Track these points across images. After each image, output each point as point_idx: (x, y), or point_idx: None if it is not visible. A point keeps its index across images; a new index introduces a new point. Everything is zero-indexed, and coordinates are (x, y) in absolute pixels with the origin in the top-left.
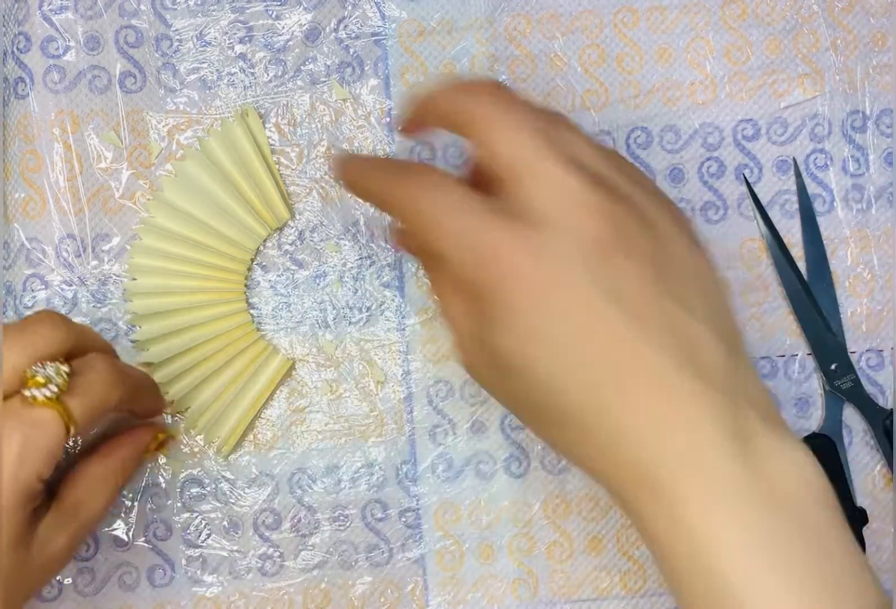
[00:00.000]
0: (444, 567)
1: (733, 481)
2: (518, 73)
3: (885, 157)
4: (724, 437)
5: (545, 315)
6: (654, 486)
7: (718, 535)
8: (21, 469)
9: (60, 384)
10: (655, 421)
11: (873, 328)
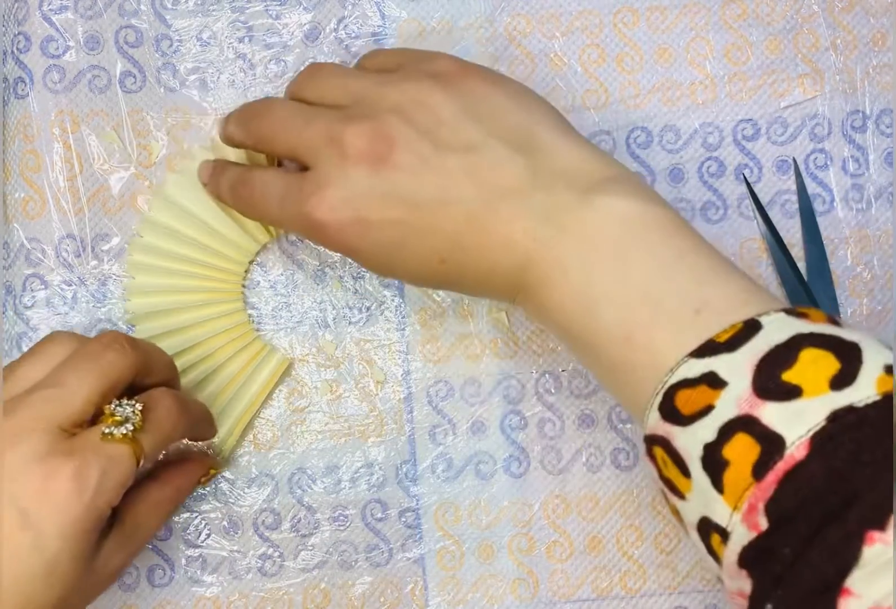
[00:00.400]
0: (444, 567)
1: (552, 254)
2: (518, 73)
3: (884, 157)
4: (536, 234)
5: (367, 239)
6: (507, 291)
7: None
8: (97, 499)
9: (136, 423)
10: (489, 253)
11: (873, 328)
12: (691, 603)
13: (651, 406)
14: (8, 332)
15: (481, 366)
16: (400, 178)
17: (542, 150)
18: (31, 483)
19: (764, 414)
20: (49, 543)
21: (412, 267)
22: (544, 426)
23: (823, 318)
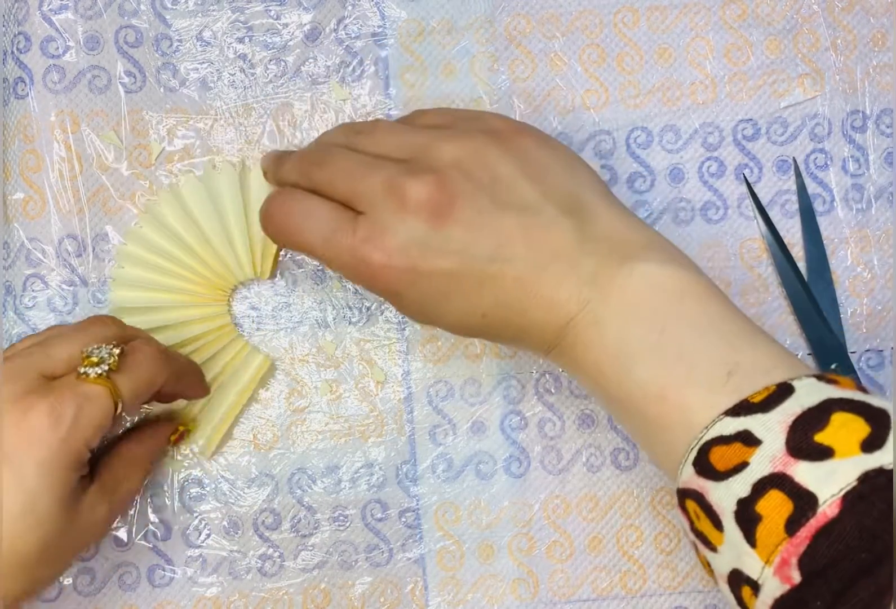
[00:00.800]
0: (444, 567)
1: (591, 316)
2: (518, 73)
3: (885, 156)
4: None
5: (415, 288)
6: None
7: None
8: (72, 434)
9: (111, 364)
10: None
11: (873, 328)
12: (691, 603)
13: (685, 461)
14: (8, 333)
15: (481, 366)
16: (457, 232)
17: (589, 215)
18: (8, 421)
19: (797, 472)
20: (27, 478)
21: (453, 319)
22: (544, 426)
23: (852, 385)
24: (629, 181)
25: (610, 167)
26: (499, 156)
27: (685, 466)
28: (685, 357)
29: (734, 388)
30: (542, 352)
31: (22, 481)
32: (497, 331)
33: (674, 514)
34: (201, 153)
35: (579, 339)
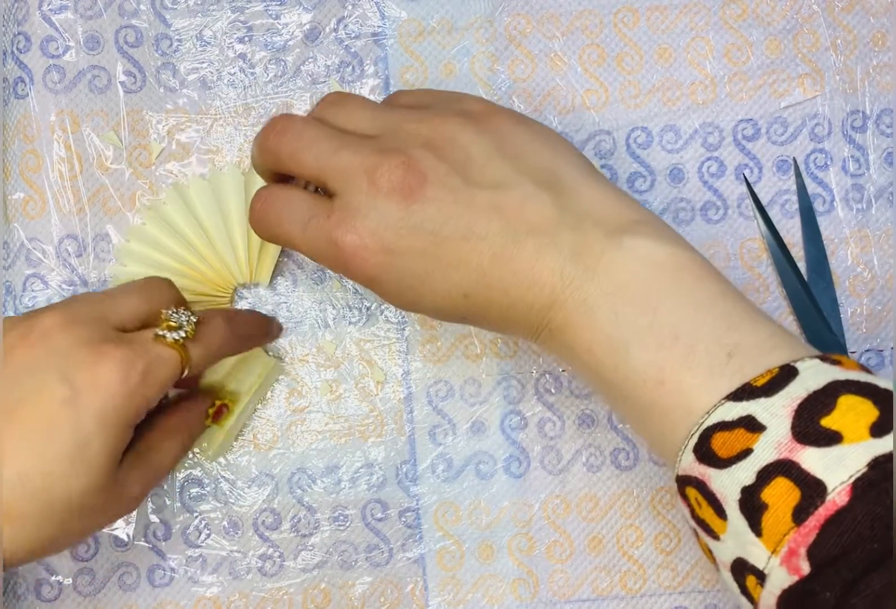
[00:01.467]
0: (444, 567)
1: (579, 294)
2: (518, 73)
3: (885, 156)
4: (563, 274)
5: (391, 271)
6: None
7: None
8: (138, 391)
9: (188, 332)
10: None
11: (873, 328)
12: (691, 603)
13: (685, 447)
14: None
15: (481, 366)
16: (429, 212)
17: (569, 190)
18: (81, 363)
19: (804, 459)
20: (84, 423)
21: (435, 301)
22: (544, 426)
23: (856, 366)
24: (629, 181)
25: (610, 167)
26: (472, 136)
27: (685, 453)
28: (682, 338)
29: (735, 371)
30: (530, 335)
31: (78, 426)
32: (481, 313)
33: (674, 513)
34: (201, 153)
35: (569, 322)
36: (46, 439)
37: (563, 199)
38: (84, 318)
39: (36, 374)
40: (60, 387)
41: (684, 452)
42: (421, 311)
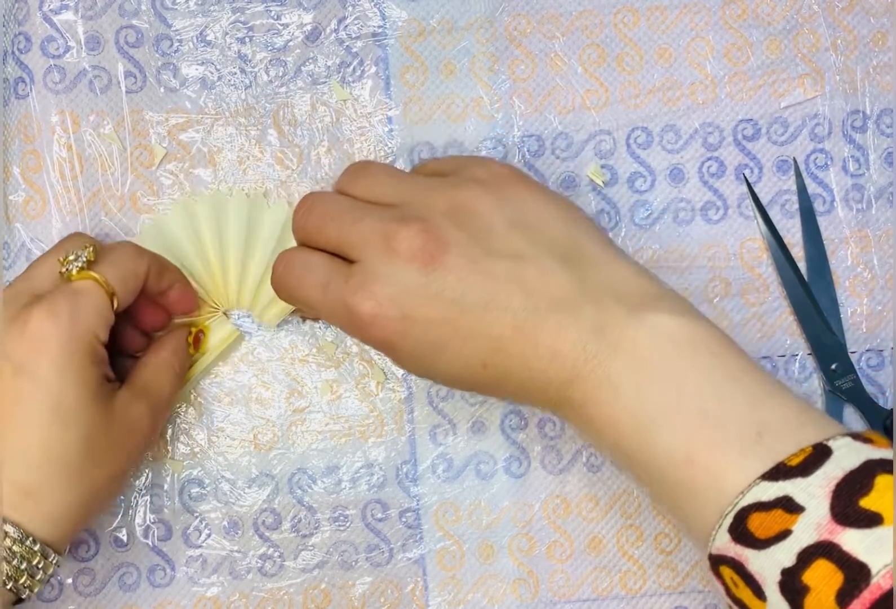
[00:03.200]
0: (445, 567)
1: (602, 371)
2: (518, 73)
3: (885, 156)
4: (585, 349)
5: (409, 339)
6: (551, 403)
7: (602, 417)
8: (75, 326)
9: (88, 255)
10: (535, 363)
11: (873, 328)
12: (691, 603)
13: (719, 527)
14: None
15: None
16: (449, 280)
17: (588, 264)
18: (13, 336)
19: (845, 541)
20: (44, 379)
21: (453, 370)
22: (544, 426)
23: (887, 444)
24: (629, 181)
25: (610, 167)
26: (492, 206)
27: (719, 532)
28: (710, 417)
29: (767, 450)
30: (551, 408)
31: (40, 384)
32: (499, 383)
33: None
34: (202, 153)
35: (591, 398)
36: (23, 411)
37: (583, 272)
38: (10, 297)
39: None
40: (4, 364)
41: (718, 532)
42: (437, 378)
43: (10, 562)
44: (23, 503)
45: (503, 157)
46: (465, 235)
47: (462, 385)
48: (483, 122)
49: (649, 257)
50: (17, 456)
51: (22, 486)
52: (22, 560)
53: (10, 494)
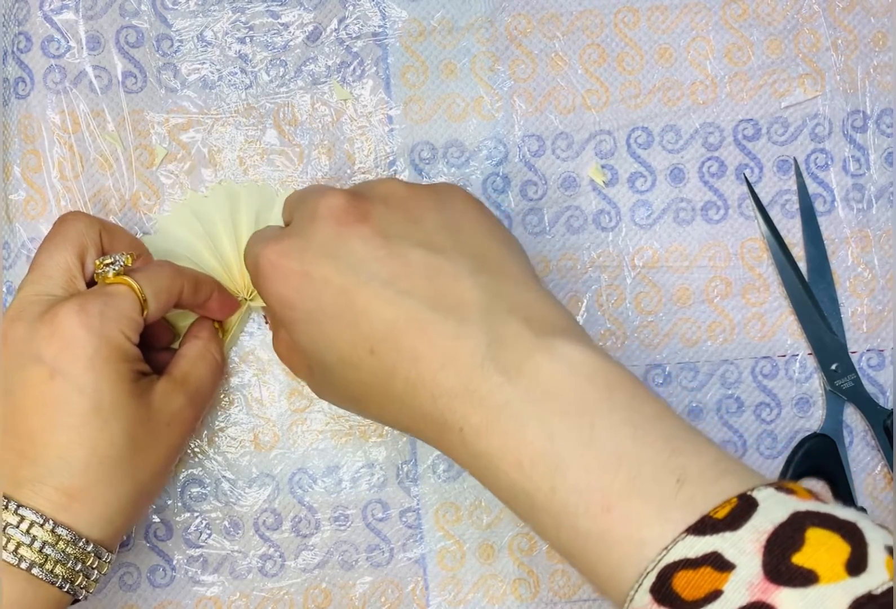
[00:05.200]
0: (445, 567)
1: (500, 395)
2: (518, 73)
3: (885, 156)
4: (482, 362)
5: (304, 297)
6: (445, 427)
7: (503, 453)
8: (105, 327)
9: (126, 260)
10: (428, 367)
11: (874, 328)
12: None
13: (639, 586)
14: None
15: None
16: (358, 248)
17: (506, 280)
18: (43, 336)
19: (780, 601)
20: (81, 380)
21: (339, 347)
22: None
23: (808, 495)
24: (630, 181)
25: (610, 167)
26: (429, 204)
27: (638, 592)
28: (626, 460)
29: (688, 500)
30: (436, 431)
31: (78, 386)
32: (384, 378)
33: None
34: (202, 153)
35: (489, 427)
36: (61, 414)
37: (498, 286)
38: (29, 303)
39: (15, 370)
40: (39, 369)
41: (637, 591)
42: (321, 355)
43: (66, 564)
44: (71, 506)
45: (504, 156)
46: (390, 215)
47: (344, 371)
48: (483, 121)
49: (649, 257)
50: (60, 460)
51: (67, 490)
52: (77, 561)
53: (58, 499)
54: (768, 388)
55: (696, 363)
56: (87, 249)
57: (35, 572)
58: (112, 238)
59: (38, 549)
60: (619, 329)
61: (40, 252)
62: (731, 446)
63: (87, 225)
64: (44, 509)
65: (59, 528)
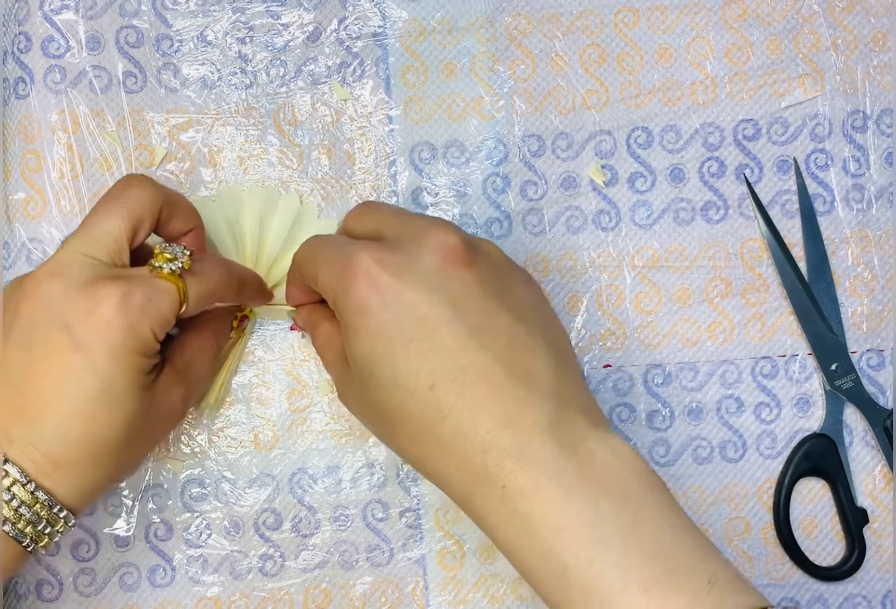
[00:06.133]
0: (445, 567)
1: (554, 465)
2: (519, 73)
3: (885, 156)
4: (543, 432)
5: (386, 311)
6: (487, 480)
7: (545, 516)
8: (142, 321)
9: (184, 262)
10: (487, 421)
11: (874, 328)
12: None
13: None
14: None
15: None
16: (456, 289)
17: (568, 370)
18: (78, 306)
19: None
20: (100, 363)
21: (399, 370)
22: None
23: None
24: (630, 181)
25: (611, 167)
26: (519, 279)
27: None
28: (663, 552)
29: (718, 601)
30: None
31: (95, 365)
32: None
33: None
34: (202, 153)
35: (536, 490)
36: (71, 387)
37: (564, 373)
38: (72, 261)
39: (39, 328)
40: (64, 337)
41: None
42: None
43: (36, 526)
44: (54, 473)
45: (504, 156)
46: (490, 273)
47: (390, 399)
48: (484, 121)
49: (650, 257)
50: (56, 430)
51: (55, 458)
52: (47, 525)
53: (44, 464)
54: (768, 388)
55: (696, 363)
56: (144, 222)
57: (6, 529)
58: (172, 210)
59: (14, 507)
60: (619, 329)
61: (97, 211)
62: (731, 446)
63: (151, 197)
64: (29, 470)
65: (39, 492)
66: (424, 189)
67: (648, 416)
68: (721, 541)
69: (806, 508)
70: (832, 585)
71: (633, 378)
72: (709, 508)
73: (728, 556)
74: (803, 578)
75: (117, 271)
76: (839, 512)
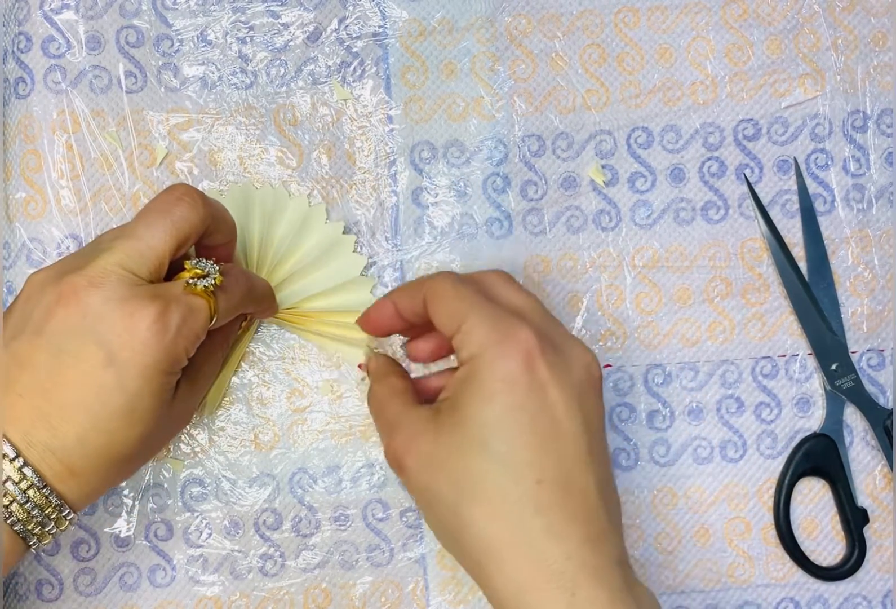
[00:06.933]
0: (445, 567)
1: (620, 594)
2: (519, 73)
3: (885, 156)
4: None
5: (530, 400)
6: (560, 583)
7: None
8: (177, 342)
9: (216, 279)
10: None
11: (874, 328)
12: (691, 603)
13: None
14: None
15: None
16: (591, 406)
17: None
18: (115, 322)
19: None
20: (129, 382)
21: (515, 456)
22: None
23: None
24: (630, 181)
25: (611, 167)
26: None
27: None
28: None
29: None
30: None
31: (124, 384)
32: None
33: (674, 513)
34: (203, 153)
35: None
36: (97, 401)
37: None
38: (112, 274)
39: (75, 338)
40: (98, 351)
41: None
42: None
43: (44, 527)
44: (68, 480)
45: (504, 156)
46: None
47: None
48: (484, 121)
49: (650, 257)
50: (76, 441)
51: (71, 467)
52: (54, 526)
53: (60, 470)
54: (768, 388)
55: (696, 363)
56: (189, 241)
57: (16, 529)
58: (215, 227)
59: (28, 509)
60: (619, 329)
61: (144, 222)
62: (731, 446)
63: (200, 218)
64: (46, 476)
65: (53, 496)
66: (424, 189)
67: (649, 416)
68: (721, 541)
69: (806, 508)
70: (832, 585)
71: (634, 378)
72: (709, 508)
73: (728, 556)
74: (803, 578)
75: (154, 289)
76: (839, 512)
